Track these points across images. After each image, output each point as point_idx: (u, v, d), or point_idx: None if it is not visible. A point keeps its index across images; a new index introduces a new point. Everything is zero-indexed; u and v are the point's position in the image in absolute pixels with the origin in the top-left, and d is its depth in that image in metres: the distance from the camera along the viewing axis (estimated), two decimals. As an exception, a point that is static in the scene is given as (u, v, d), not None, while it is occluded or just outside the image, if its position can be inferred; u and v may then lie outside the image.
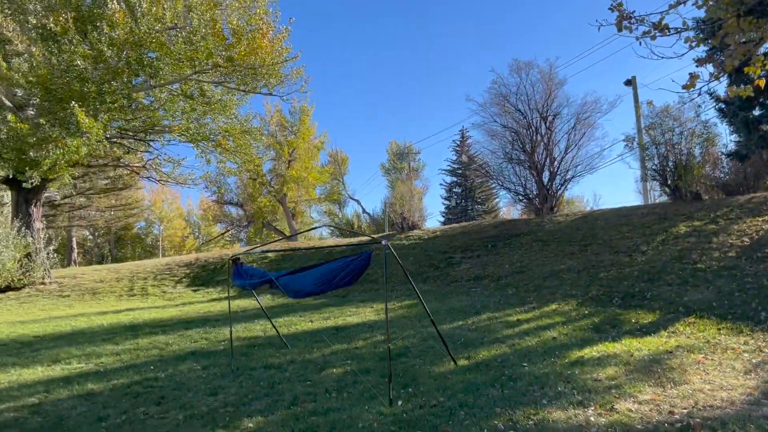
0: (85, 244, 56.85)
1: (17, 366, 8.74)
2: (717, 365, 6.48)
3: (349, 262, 6.85)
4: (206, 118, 21.57)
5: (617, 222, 16.79)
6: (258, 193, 43.41)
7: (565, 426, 4.75)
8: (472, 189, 55.29)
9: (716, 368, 6.36)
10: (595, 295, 11.41)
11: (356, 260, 6.78)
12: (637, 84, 26.19)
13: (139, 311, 15.83)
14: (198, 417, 5.73)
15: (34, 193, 21.80)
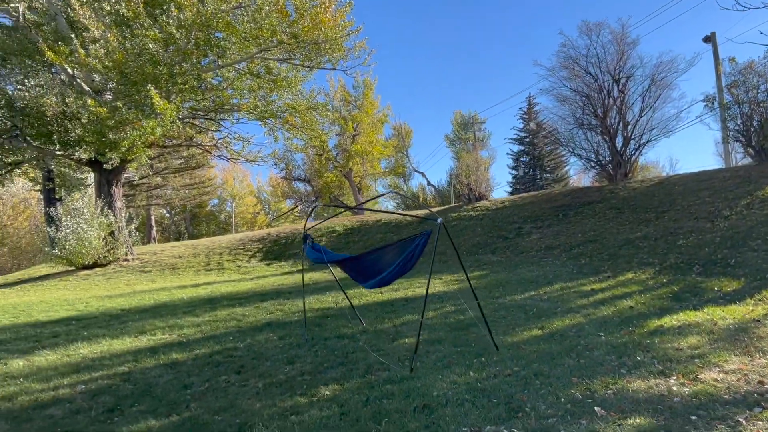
0: (163, 222, 59.38)
1: (107, 337, 9.26)
2: (810, 334, 6.13)
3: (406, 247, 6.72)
4: (273, 95, 21.90)
5: (696, 187, 16.03)
6: (324, 169, 43.94)
7: (645, 395, 4.62)
8: (540, 157, 54.04)
9: (810, 337, 6.02)
10: (674, 263, 10.98)
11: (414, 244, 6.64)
12: (716, 40, 24.73)
13: (216, 285, 16.43)
14: (276, 385, 5.92)
15: (114, 174, 22.88)
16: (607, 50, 20.62)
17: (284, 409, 5.08)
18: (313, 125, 23.46)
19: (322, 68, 21.91)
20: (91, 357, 7.87)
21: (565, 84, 21.86)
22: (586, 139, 21.92)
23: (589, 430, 3.99)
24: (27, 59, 18.16)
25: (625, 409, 4.34)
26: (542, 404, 4.60)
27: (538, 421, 4.25)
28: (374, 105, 42.45)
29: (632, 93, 20.92)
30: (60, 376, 6.87)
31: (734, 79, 16.75)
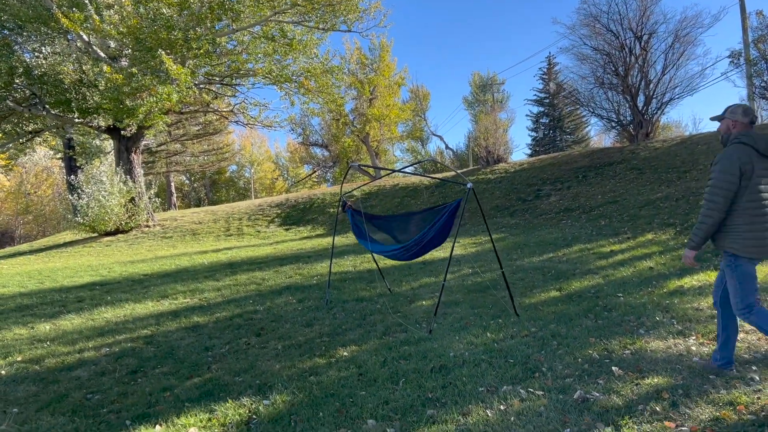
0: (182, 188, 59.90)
1: (130, 301, 9.43)
2: (835, 294, 6.04)
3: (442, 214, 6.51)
4: (287, 59, 21.71)
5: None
6: (341, 133, 43.72)
7: (664, 355, 4.60)
8: (560, 119, 53.22)
9: (834, 297, 5.92)
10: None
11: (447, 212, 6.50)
12: (744, -7, 23.88)
13: (236, 250, 16.61)
14: (296, 347, 6.00)
15: (133, 141, 23.01)
16: (629, 6, 20.07)
17: (303, 370, 5.15)
18: (329, 89, 23.26)
19: (337, 30, 21.63)
20: (114, 321, 8.04)
21: (585, 42, 21.39)
22: (607, 98, 21.52)
23: (606, 389, 3.99)
24: (42, 26, 18.12)
25: (643, 368, 4.33)
26: (559, 364, 4.61)
27: (555, 380, 4.26)
28: (391, 67, 41.86)
29: (655, 50, 20.42)
30: (85, 340, 7.03)
31: (761, 33, 16.21)
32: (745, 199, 3.80)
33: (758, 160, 3.79)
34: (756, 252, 3.84)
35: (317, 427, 3.84)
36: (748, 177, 3.76)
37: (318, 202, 25.31)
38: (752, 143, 3.80)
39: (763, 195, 3.79)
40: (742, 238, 3.84)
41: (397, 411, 3.97)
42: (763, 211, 3.79)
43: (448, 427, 3.65)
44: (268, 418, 4.08)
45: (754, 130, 3.93)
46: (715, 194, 3.83)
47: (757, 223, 3.80)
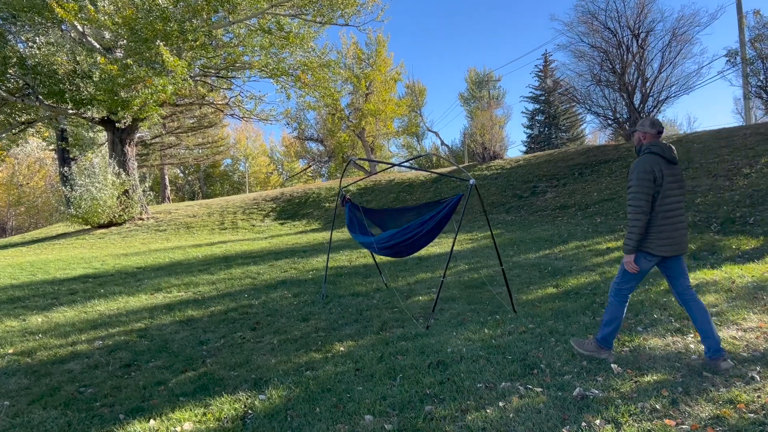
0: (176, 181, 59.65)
1: (123, 294, 9.36)
2: (832, 293, 6.03)
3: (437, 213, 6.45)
4: (284, 52, 21.59)
5: (715, 145, 15.72)
6: (337, 128, 43.60)
7: (662, 353, 4.58)
8: (555, 116, 53.21)
9: (831, 296, 5.92)
10: (692, 222, 10.84)
11: (447, 207, 6.44)
12: (741, -7, 23.89)
13: (230, 243, 16.53)
14: (291, 341, 5.95)
15: (127, 133, 22.86)
16: (627, 4, 20.03)
17: (299, 365, 5.11)
18: (325, 83, 23.16)
19: (334, 24, 21.50)
20: (108, 314, 7.96)
21: (583, 39, 21.34)
22: (604, 96, 21.50)
23: (605, 386, 3.96)
24: (36, 16, 17.93)
25: (642, 366, 4.31)
26: (557, 361, 4.58)
27: (554, 377, 4.23)
28: (387, 63, 41.77)
29: (652, 48, 20.39)
30: (78, 332, 6.96)
31: (759, 32, 16.21)
32: (657, 203, 4.20)
33: (666, 167, 4.23)
34: (669, 250, 4.24)
35: (314, 422, 3.79)
36: (659, 183, 4.18)
37: (314, 196, 25.23)
38: (660, 152, 4.24)
39: (671, 198, 4.23)
40: (656, 238, 4.23)
41: (395, 407, 3.94)
42: (671, 213, 4.23)
43: (447, 424, 3.62)
44: (264, 413, 4.03)
45: (662, 140, 4.39)
46: (638, 199, 4.19)
47: (667, 224, 4.22)
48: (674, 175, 4.27)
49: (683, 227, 4.30)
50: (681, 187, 4.33)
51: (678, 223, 4.26)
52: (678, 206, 4.27)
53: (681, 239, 4.27)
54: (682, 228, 4.29)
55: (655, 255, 4.26)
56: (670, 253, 4.25)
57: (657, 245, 4.22)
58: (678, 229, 4.25)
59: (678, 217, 4.26)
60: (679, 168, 4.37)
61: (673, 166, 4.29)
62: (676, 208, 4.25)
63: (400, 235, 6.80)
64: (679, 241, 4.26)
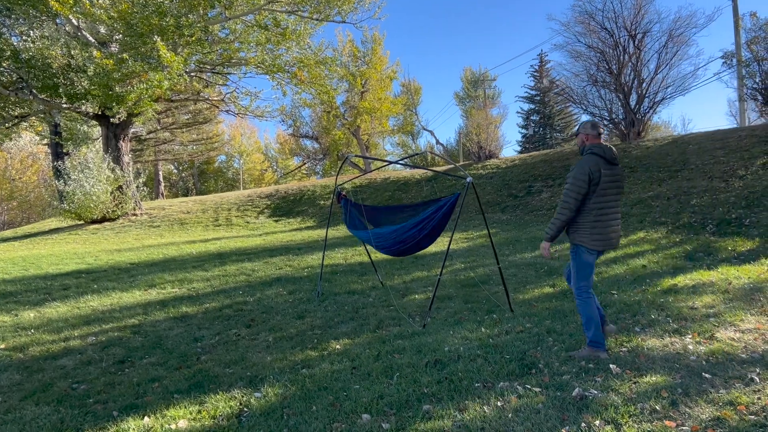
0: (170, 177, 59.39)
1: (117, 290, 9.29)
2: (828, 295, 6.02)
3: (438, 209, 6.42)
4: (280, 48, 21.47)
5: (711, 146, 15.75)
6: (332, 126, 43.41)
7: (661, 354, 4.55)
8: (550, 116, 53.24)
9: (828, 298, 5.91)
10: (687, 223, 10.85)
11: (445, 206, 6.38)
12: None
13: (225, 240, 16.45)
14: (287, 339, 5.90)
15: (121, 129, 22.71)
16: (624, 4, 20.01)
17: (295, 363, 5.06)
18: (322, 80, 23.07)
19: (331, 21, 21.40)
20: (101, 309, 7.90)
21: (579, 40, 21.33)
22: (600, 96, 21.49)
23: (605, 387, 3.93)
24: (31, 9, 17.76)
25: (641, 366, 4.28)
26: (556, 361, 4.55)
27: (552, 377, 4.20)
28: (383, 61, 41.65)
29: (648, 49, 20.39)
30: (71, 328, 6.90)
31: (755, 35, 16.24)
32: (592, 201, 4.47)
33: (606, 167, 4.48)
34: (600, 245, 4.55)
35: (311, 421, 3.75)
36: (596, 182, 4.43)
37: (309, 194, 25.15)
38: (601, 153, 4.50)
39: (607, 197, 4.49)
40: (589, 233, 4.52)
41: (392, 406, 3.90)
42: (606, 210, 4.50)
43: (445, 423, 3.58)
44: (259, 411, 3.99)
45: (604, 142, 4.68)
46: (568, 196, 4.49)
47: (601, 222, 4.50)
48: (613, 175, 4.52)
49: (616, 225, 4.61)
50: (618, 187, 4.59)
51: (612, 220, 4.54)
52: (613, 205, 4.54)
53: (613, 236, 4.59)
54: (615, 225, 4.59)
55: (594, 250, 4.57)
56: (601, 248, 4.58)
57: (590, 240, 4.52)
58: (611, 226, 4.55)
59: (612, 215, 4.54)
60: (619, 168, 4.62)
61: (613, 166, 4.54)
62: (610, 207, 4.52)
63: (401, 234, 6.75)
64: (611, 237, 4.57)
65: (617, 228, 4.62)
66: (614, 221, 4.57)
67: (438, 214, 6.37)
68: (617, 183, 4.57)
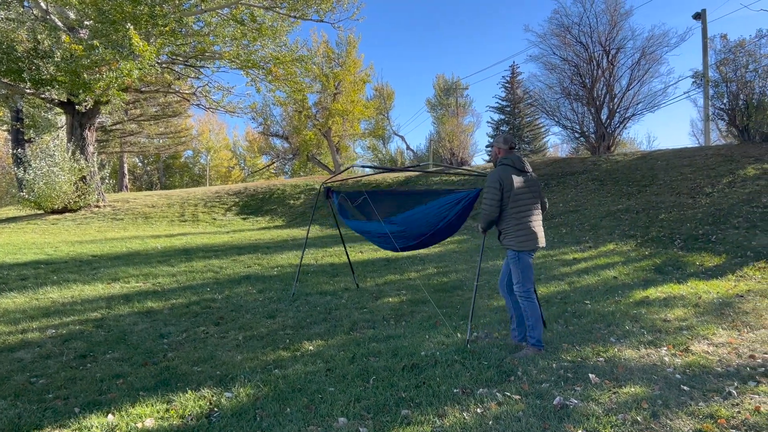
0: (135, 170, 58.20)
1: (78, 282, 8.96)
2: (795, 312, 6.12)
3: (458, 200, 6.33)
4: (256, 44, 21.18)
5: (679, 163, 16.06)
6: (303, 126, 43.04)
7: (638, 365, 4.54)
8: (520, 128, 53.86)
9: (795, 315, 6.01)
10: (656, 237, 11.00)
11: (465, 199, 6.29)
12: (706, 18, 24.57)
13: (191, 236, 16.10)
14: (258, 338, 5.74)
15: (87, 117, 22.09)
16: (600, 20, 20.38)
17: (267, 363, 4.91)
18: (296, 77, 22.83)
19: (308, 19, 21.18)
20: (61, 302, 7.60)
21: (555, 52, 21.63)
22: (572, 109, 21.81)
23: (584, 396, 3.89)
24: (-2, -11, 17.19)
25: (620, 377, 4.25)
26: (534, 369, 4.50)
27: (531, 385, 4.14)
28: (357, 64, 41.56)
29: (621, 65, 20.82)
30: (29, 320, 6.60)
31: (725, 56, 16.65)
32: (510, 207, 4.88)
33: (521, 176, 4.94)
34: (527, 245, 4.88)
35: (285, 423, 3.61)
36: (508, 189, 4.84)
37: (278, 192, 24.85)
38: (511, 163, 4.95)
39: (522, 202, 4.89)
40: (515, 236, 4.90)
41: (369, 409, 3.78)
42: (524, 214, 4.89)
43: (424, 429, 3.49)
44: (230, 411, 3.83)
45: (515, 153, 5.11)
46: (485, 202, 4.95)
47: (522, 224, 4.87)
48: (525, 182, 4.95)
49: (538, 225, 4.99)
50: (533, 191, 5.01)
51: (532, 222, 4.92)
52: (529, 208, 4.92)
53: (538, 236, 4.94)
54: (537, 226, 4.97)
55: (527, 250, 4.90)
56: (530, 248, 4.90)
57: (517, 242, 4.87)
58: (533, 227, 4.91)
59: (530, 217, 4.92)
60: (530, 176, 5.04)
61: (524, 174, 4.98)
62: (527, 210, 4.90)
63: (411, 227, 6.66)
64: (535, 236, 4.92)
65: (539, 229, 5.00)
66: (535, 222, 4.95)
67: (458, 207, 6.31)
68: (531, 188, 4.99)
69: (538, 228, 4.99)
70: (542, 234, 5.04)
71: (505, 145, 5.13)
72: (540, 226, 5.04)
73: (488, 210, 4.93)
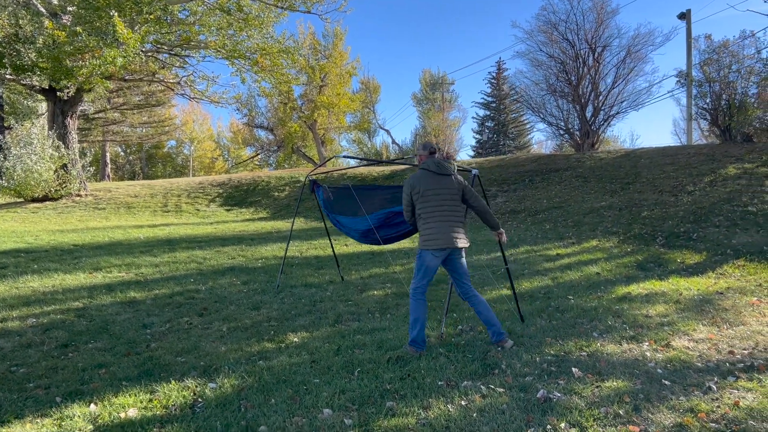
0: (117, 160, 57.51)
1: (59, 272, 8.85)
2: (773, 309, 6.23)
3: None
4: (242, 35, 20.98)
5: (662, 161, 16.24)
6: (288, 118, 42.82)
7: (620, 359, 4.60)
8: (505, 124, 54.08)
9: (773, 312, 6.11)
10: (638, 234, 11.11)
11: None
12: (691, 18, 24.83)
13: (174, 227, 15.97)
14: (242, 329, 5.72)
15: (69, 105, 21.77)
16: (587, 17, 20.50)
17: (251, 354, 4.90)
18: (282, 68, 22.68)
19: (296, 10, 21.02)
20: (42, 291, 7.51)
21: (541, 49, 21.75)
22: (557, 106, 21.95)
23: (568, 390, 3.93)
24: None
25: (602, 371, 4.30)
26: (518, 362, 4.53)
27: (515, 378, 4.18)
28: (343, 56, 41.41)
29: (607, 63, 20.97)
30: (8, 309, 6.52)
31: (709, 56, 16.84)
32: (419, 209, 5.08)
33: (433, 179, 5.07)
34: (434, 245, 4.94)
35: (269, 414, 3.61)
36: (418, 192, 5.04)
37: (262, 184, 24.73)
38: (427, 167, 5.14)
39: (430, 204, 5.02)
40: (422, 236, 5.06)
41: (355, 401, 3.79)
42: (431, 215, 5.01)
43: (409, 421, 3.50)
44: (215, 402, 3.82)
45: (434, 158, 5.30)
46: (402, 206, 5.34)
47: (429, 224, 5.00)
48: (439, 183, 5.06)
49: (447, 227, 4.99)
50: (446, 194, 5.06)
51: (439, 223, 4.98)
52: (438, 209, 5.01)
53: (444, 236, 4.95)
54: (447, 226, 4.99)
55: (429, 250, 4.96)
56: (436, 247, 4.94)
57: (424, 242, 5.00)
58: (442, 227, 4.97)
59: (438, 217, 4.99)
60: (447, 178, 5.11)
61: (441, 177, 5.09)
62: (436, 212, 5.00)
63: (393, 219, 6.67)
64: (442, 238, 4.94)
65: (448, 230, 4.98)
66: (444, 223, 4.98)
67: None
68: (445, 190, 5.07)
69: (448, 229, 4.99)
70: (455, 236, 5.01)
71: (424, 151, 5.35)
72: (452, 228, 5.02)
73: (405, 216, 5.30)
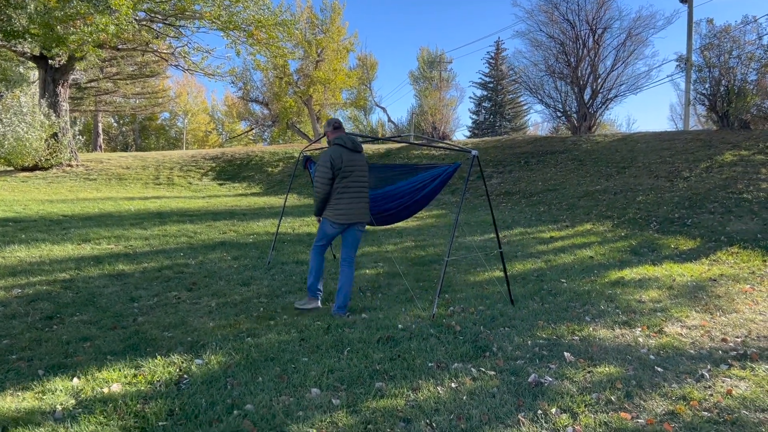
0: (110, 131, 56.87)
1: (47, 242, 8.73)
2: (766, 297, 6.20)
3: (438, 175, 6.24)
4: (238, 5, 20.61)
5: (658, 146, 16.16)
6: (284, 93, 42.35)
7: (612, 344, 4.55)
8: (502, 105, 53.80)
9: (765, 299, 6.08)
10: (632, 218, 11.07)
11: (444, 173, 6.19)
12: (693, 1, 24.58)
13: (165, 200, 15.82)
14: (231, 305, 5.65)
15: (61, 73, 21.42)
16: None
17: (239, 330, 4.82)
18: (278, 42, 22.34)
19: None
20: (28, 261, 7.40)
21: (541, 29, 21.50)
22: (555, 87, 21.78)
23: (559, 374, 3.89)
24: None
25: (594, 356, 4.26)
26: (509, 345, 4.48)
27: (506, 361, 4.12)
28: (341, 31, 40.88)
29: (607, 45, 20.76)
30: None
31: (710, 41, 16.66)
32: (336, 182, 5.16)
33: (348, 154, 5.19)
34: (344, 219, 5.23)
35: (256, 392, 3.54)
36: (338, 167, 5.11)
37: (256, 159, 24.52)
38: (342, 143, 5.23)
39: (348, 179, 5.18)
40: (332, 208, 5.24)
41: (343, 381, 3.73)
42: (347, 190, 5.19)
43: (398, 402, 3.44)
44: (201, 378, 3.75)
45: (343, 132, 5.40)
46: (317, 180, 5.19)
47: (342, 199, 5.19)
48: (354, 160, 5.21)
49: (359, 203, 5.28)
50: (360, 169, 5.29)
51: (353, 199, 5.22)
52: (353, 185, 5.22)
53: (355, 212, 5.26)
54: (357, 203, 5.26)
55: (336, 222, 5.25)
56: (344, 221, 5.24)
57: (334, 215, 5.22)
58: (352, 203, 5.22)
59: (353, 194, 5.22)
60: (360, 155, 5.33)
61: (355, 153, 5.26)
62: (351, 187, 5.19)
63: (389, 201, 6.56)
64: (353, 213, 5.24)
65: (361, 205, 5.31)
66: (356, 199, 5.25)
67: (435, 182, 6.21)
68: (359, 166, 5.26)
69: (357, 205, 5.27)
70: (363, 212, 5.36)
71: (329, 128, 5.46)
72: (362, 204, 5.32)
73: (321, 189, 5.18)
